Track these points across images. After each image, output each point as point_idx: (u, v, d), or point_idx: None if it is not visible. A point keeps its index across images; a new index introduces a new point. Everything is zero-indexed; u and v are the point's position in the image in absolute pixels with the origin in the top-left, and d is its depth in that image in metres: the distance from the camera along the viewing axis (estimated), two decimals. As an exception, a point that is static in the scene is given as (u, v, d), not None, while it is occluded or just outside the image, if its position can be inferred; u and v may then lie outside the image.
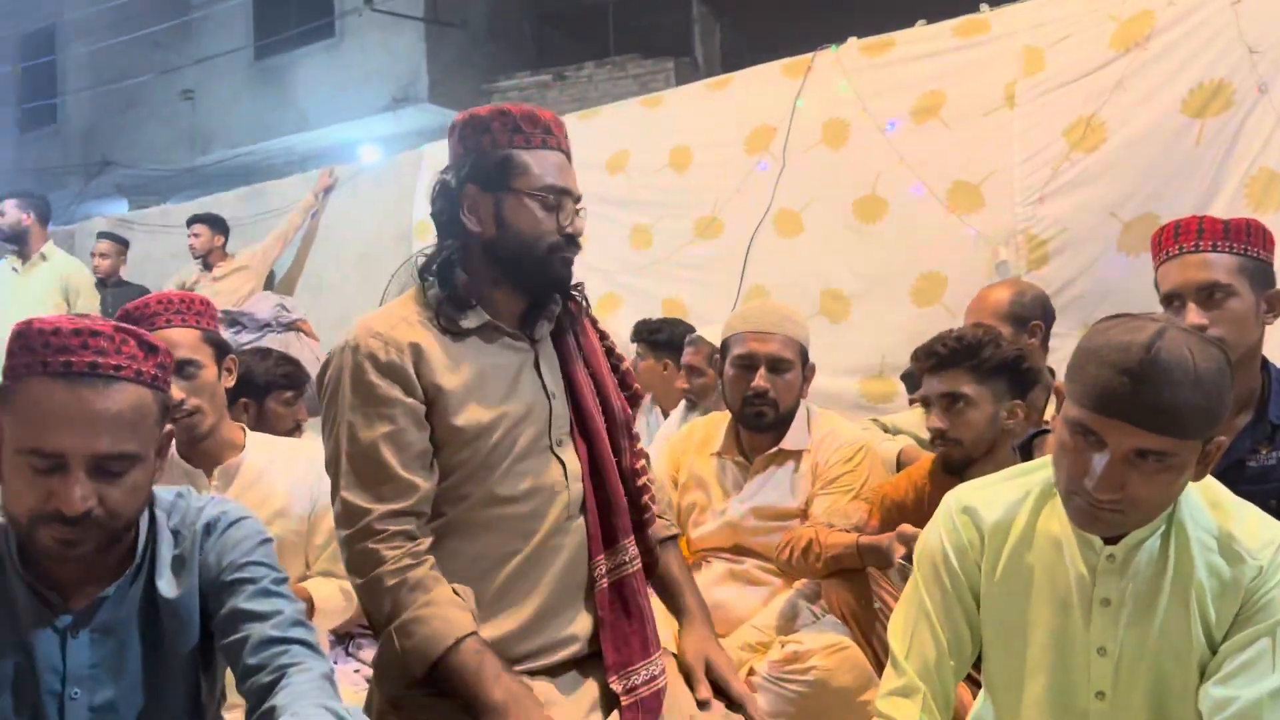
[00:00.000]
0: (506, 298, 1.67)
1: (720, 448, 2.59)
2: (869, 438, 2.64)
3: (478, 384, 1.61)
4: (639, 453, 1.79)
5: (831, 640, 2.18)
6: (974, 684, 1.82)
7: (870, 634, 2.16)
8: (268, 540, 1.46)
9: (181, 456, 2.10)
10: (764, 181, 4.12)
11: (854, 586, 2.18)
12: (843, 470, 2.45)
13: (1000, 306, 2.69)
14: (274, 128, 11.40)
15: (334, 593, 2.17)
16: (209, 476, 2.10)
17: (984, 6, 3.77)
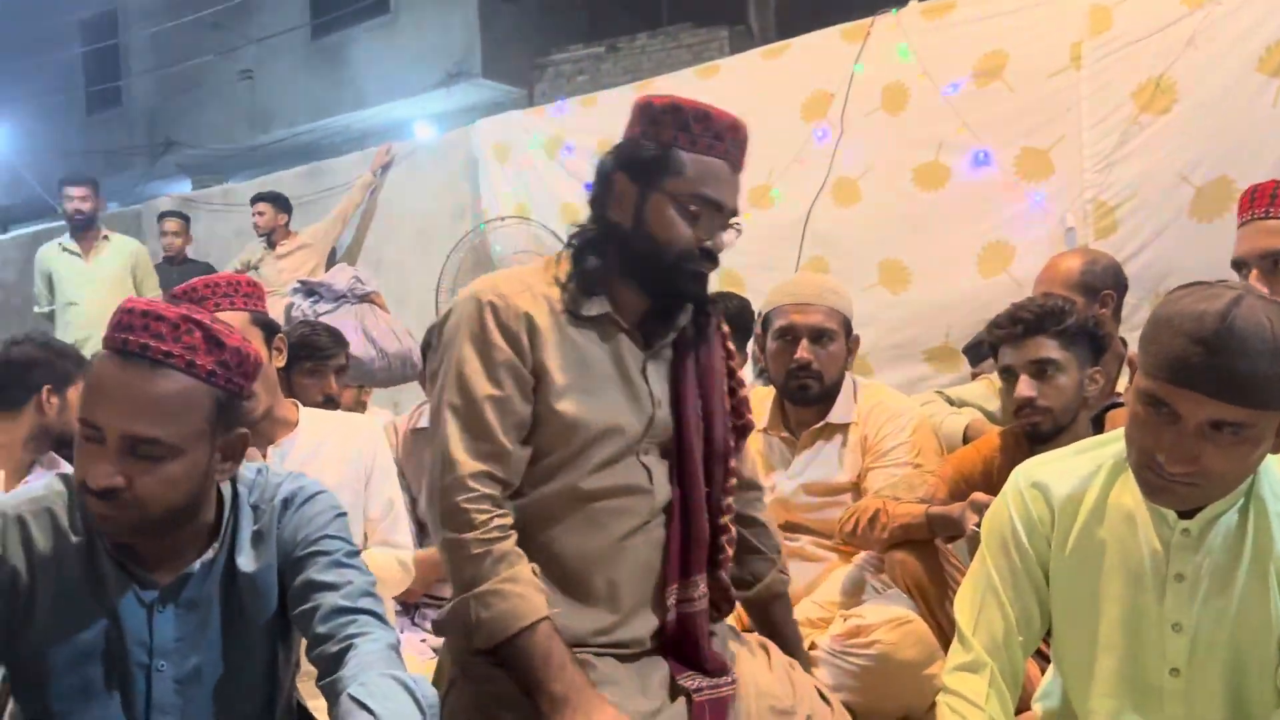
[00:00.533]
0: (632, 295, 1.61)
1: (766, 424, 2.55)
2: (917, 408, 2.59)
3: (582, 374, 1.56)
4: (731, 489, 1.70)
5: (895, 614, 2.16)
6: (1042, 659, 1.80)
7: (938, 608, 2.14)
8: (342, 514, 1.49)
9: None
10: (821, 150, 4.06)
11: (922, 559, 2.16)
12: (895, 442, 2.42)
13: (1071, 276, 2.64)
14: (331, 106, 11.54)
15: (391, 563, 2.21)
16: (263, 455, 2.14)
17: (1048, -36, 3.68)
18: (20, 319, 7.57)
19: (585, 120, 4.88)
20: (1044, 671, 1.67)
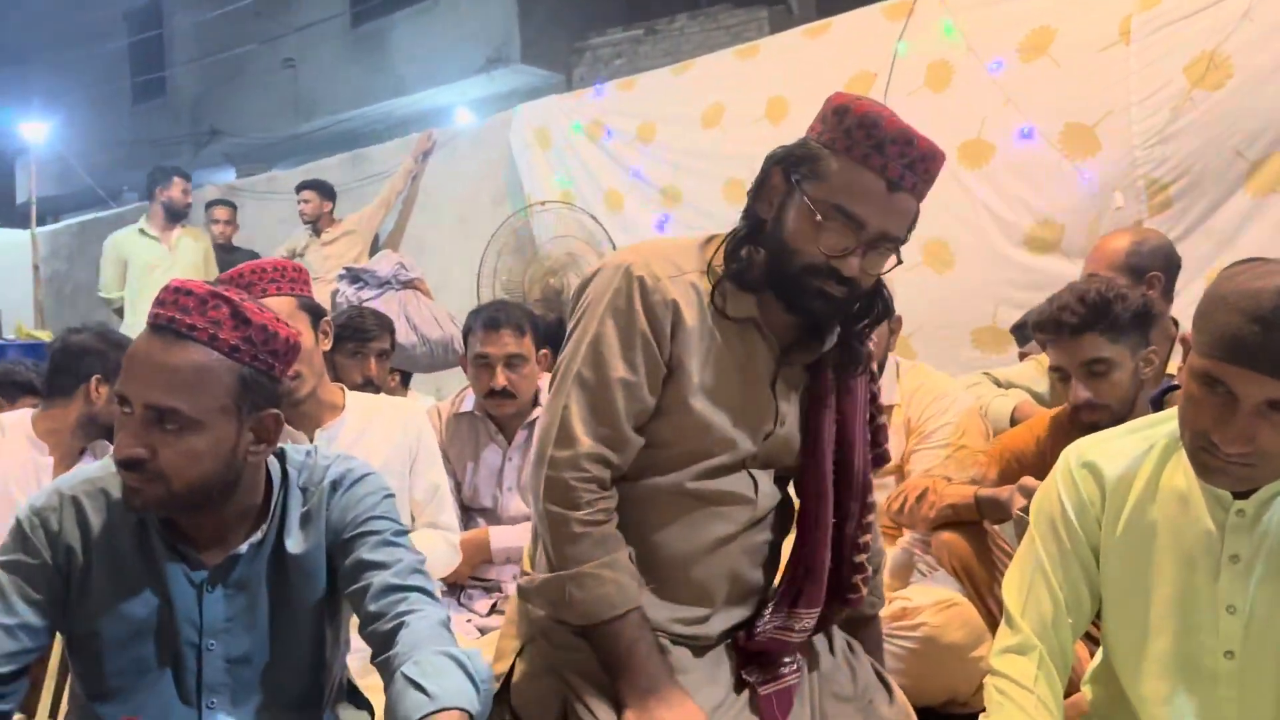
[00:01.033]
0: (771, 302, 1.52)
1: None
2: (962, 390, 2.57)
3: (714, 376, 1.51)
4: (868, 525, 1.62)
5: (942, 596, 2.15)
6: (1092, 641, 1.78)
7: (985, 590, 2.12)
8: (390, 495, 1.51)
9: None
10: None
11: (969, 540, 2.14)
12: (939, 424, 2.40)
13: (1116, 257, 2.59)
14: (373, 93, 11.63)
15: (438, 545, 2.23)
16: (310, 439, 2.16)
17: (1097, -65, 3.60)
18: (72, 306, 7.73)
19: (623, 103, 4.86)
20: (1093, 654, 1.65)
